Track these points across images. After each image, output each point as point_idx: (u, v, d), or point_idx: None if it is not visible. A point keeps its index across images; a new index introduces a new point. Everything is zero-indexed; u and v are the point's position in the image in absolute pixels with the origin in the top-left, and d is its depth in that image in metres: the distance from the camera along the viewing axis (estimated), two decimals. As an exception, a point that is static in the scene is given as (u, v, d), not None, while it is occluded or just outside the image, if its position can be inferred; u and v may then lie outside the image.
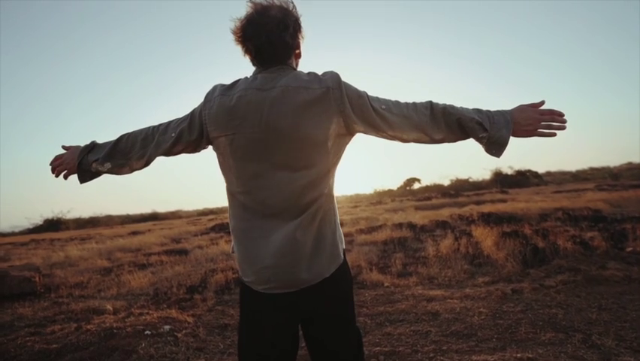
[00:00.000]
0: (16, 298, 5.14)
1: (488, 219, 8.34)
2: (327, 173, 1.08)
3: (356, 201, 31.68)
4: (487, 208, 10.98)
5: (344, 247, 1.15)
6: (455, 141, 1.14)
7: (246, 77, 1.12)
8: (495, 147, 1.10)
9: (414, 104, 1.12)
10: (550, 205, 10.59)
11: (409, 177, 41.02)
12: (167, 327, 3.07)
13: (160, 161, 1.22)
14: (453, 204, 15.18)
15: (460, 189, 28.28)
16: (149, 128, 1.20)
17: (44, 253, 10.88)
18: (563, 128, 1.10)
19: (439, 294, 3.85)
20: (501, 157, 1.11)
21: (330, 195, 1.10)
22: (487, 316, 3.15)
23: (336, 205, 1.13)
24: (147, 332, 3.00)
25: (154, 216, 36.82)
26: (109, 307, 4.03)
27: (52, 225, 32.05)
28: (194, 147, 1.17)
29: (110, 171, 1.20)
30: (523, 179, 30.27)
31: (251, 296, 1.10)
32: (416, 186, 40.08)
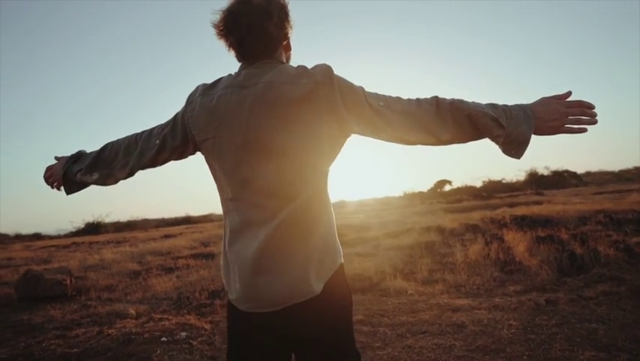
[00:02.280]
0: (49, 300, 5.38)
1: (521, 222, 7.93)
2: (317, 178, 0.97)
3: (385, 204, 31.22)
4: (520, 211, 10.47)
5: (341, 260, 1.03)
6: (466, 141, 1.00)
7: (230, 74, 1.03)
8: (514, 147, 0.95)
9: (417, 100, 0.98)
10: (590, 208, 9.93)
11: (439, 179, 40.10)
12: (183, 334, 3.07)
13: (195, 162, 1.15)
14: (484, 207, 14.59)
15: (493, 191, 27.31)
16: (133, 135, 1.14)
17: (81, 255, 11.39)
18: (594, 122, 0.95)
19: (466, 303, 3.64)
20: (521, 157, 0.96)
21: (323, 202, 0.99)
22: (517, 329, 2.93)
23: (332, 213, 1.02)
24: (164, 338, 3.02)
25: (187, 220, 37.93)
26: (132, 311, 4.11)
27: (93, 228, 33.55)
28: (180, 153, 1.10)
29: (97, 182, 1.16)
30: (561, 180, 28.84)
31: (235, 316, 1.02)
32: (447, 188, 39.12)
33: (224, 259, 1.03)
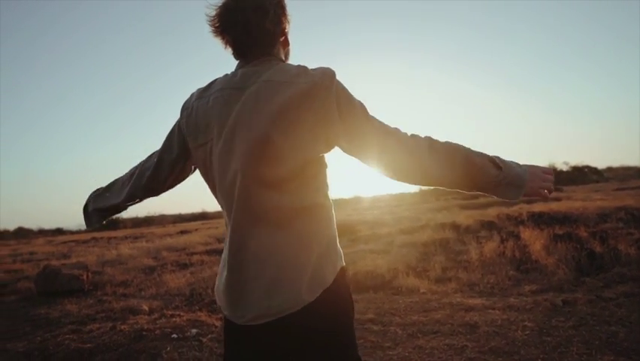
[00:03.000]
0: (66, 295, 5.52)
1: (539, 219, 7.73)
2: (307, 184, 0.92)
3: (400, 199, 30.97)
4: (538, 208, 10.21)
5: (342, 263, 0.98)
6: (456, 183, 0.94)
7: (226, 75, 0.99)
8: (512, 188, 0.94)
9: (411, 134, 0.95)
10: (610, 204, 9.61)
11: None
12: (194, 331, 3.10)
13: None
14: (501, 203, 14.28)
15: (510, 186, 26.65)
16: (139, 163, 1.15)
17: (99, 251, 11.68)
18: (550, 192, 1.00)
19: (479, 303, 3.56)
20: (517, 200, 0.97)
21: (319, 205, 0.94)
22: (532, 331, 2.85)
23: (331, 216, 0.97)
24: (174, 335, 3.05)
25: (203, 216, 38.47)
26: (145, 307, 4.18)
27: (112, 224, 34.22)
28: (181, 170, 1.07)
29: (107, 214, 1.19)
30: (581, 175, 28.08)
31: (226, 327, 0.99)
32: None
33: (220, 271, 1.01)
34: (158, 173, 1.07)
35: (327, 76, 0.89)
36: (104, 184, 1.23)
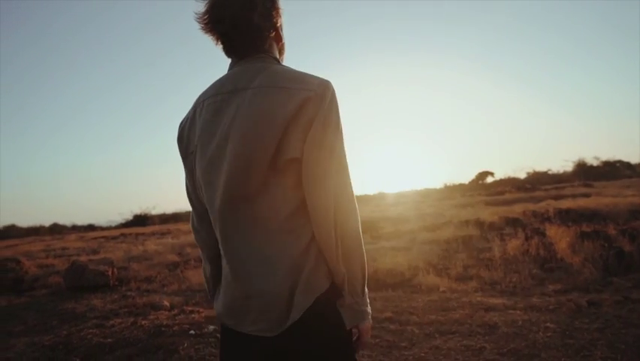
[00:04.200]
0: (92, 290, 5.71)
1: (566, 216, 7.46)
2: (289, 195, 0.88)
3: (424, 195, 30.52)
4: (566, 204, 9.84)
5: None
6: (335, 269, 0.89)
7: (221, 78, 0.96)
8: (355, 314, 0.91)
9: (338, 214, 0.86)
10: (645, 200, 9.15)
11: (481, 170, 38.63)
12: (211, 327, 3.17)
13: None
14: (528, 200, 13.88)
15: (538, 182, 25.92)
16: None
17: (127, 247, 12.08)
18: None
19: (500, 303, 3.49)
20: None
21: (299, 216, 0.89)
22: (554, 333, 2.76)
23: None
24: (192, 331, 3.13)
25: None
26: (166, 303, 4.30)
27: (140, 220, 35.13)
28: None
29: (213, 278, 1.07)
30: (612, 170, 26.79)
31: (224, 333, 0.98)
32: (489, 179, 37.59)
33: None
34: (192, 198, 1.02)
35: (324, 87, 0.86)
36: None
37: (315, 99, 0.84)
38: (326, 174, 0.84)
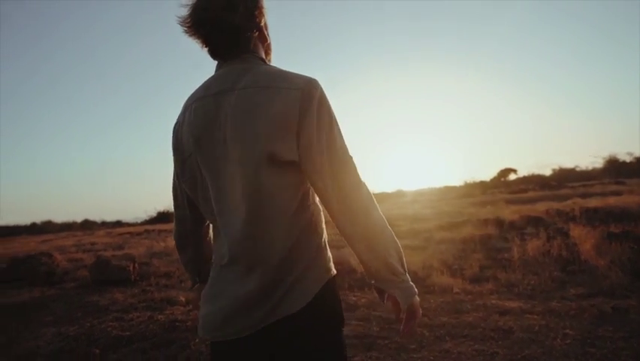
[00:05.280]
0: (115, 284, 5.92)
1: (593, 215, 7.12)
2: (293, 188, 0.88)
3: (444, 193, 30.01)
4: (593, 203, 9.41)
5: (331, 275, 0.93)
6: (358, 249, 0.89)
7: (207, 80, 0.96)
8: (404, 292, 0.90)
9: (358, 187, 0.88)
10: (683, 199, 8.63)
11: (503, 167, 37.58)
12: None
13: None
14: (552, 198, 13.38)
15: (564, 179, 24.97)
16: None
17: (149, 243, 12.39)
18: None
19: (517, 306, 3.34)
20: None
21: (305, 212, 0.90)
22: (574, 340, 2.62)
23: (316, 223, 0.92)
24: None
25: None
26: (182, 298, 4.36)
27: (164, 217, 35.99)
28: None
29: (195, 267, 1.15)
30: (648, 166, 25.41)
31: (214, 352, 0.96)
32: (512, 177, 36.52)
33: None
34: (177, 199, 1.07)
35: (311, 85, 0.86)
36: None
37: (303, 98, 0.84)
38: (335, 174, 0.85)
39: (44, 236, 24.65)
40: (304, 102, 0.83)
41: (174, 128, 1.00)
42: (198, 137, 0.90)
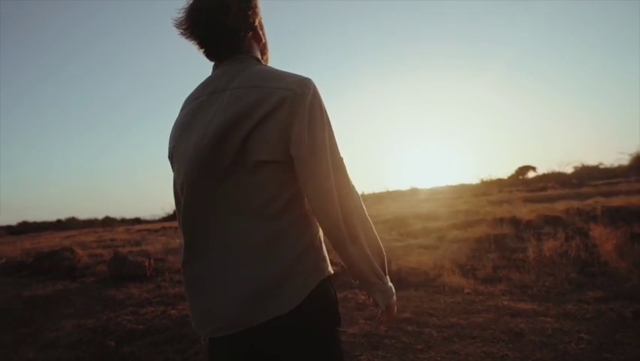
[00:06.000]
0: (131, 279, 6.08)
1: (616, 215, 6.85)
2: (281, 189, 0.87)
3: (459, 191, 29.53)
4: (617, 201, 9.07)
5: (324, 275, 0.91)
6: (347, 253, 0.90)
7: (204, 80, 0.98)
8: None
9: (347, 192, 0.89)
10: None
11: (522, 164, 36.67)
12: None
13: None
14: (573, 196, 12.97)
15: (586, 177, 24.12)
16: None
17: (165, 239, 12.64)
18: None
19: (530, 308, 3.25)
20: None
21: (293, 211, 0.88)
22: (589, 345, 2.52)
23: (306, 226, 0.90)
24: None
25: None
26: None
27: (180, 214, 36.67)
28: None
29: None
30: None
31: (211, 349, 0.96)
32: (530, 174, 35.60)
33: None
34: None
35: (303, 85, 0.85)
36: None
37: (294, 98, 0.83)
38: (325, 176, 0.84)
39: (68, 232, 25.52)
40: (295, 102, 0.83)
41: (172, 129, 1.00)
42: (187, 132, 0.91)
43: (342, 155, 0.89)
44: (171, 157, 0.98)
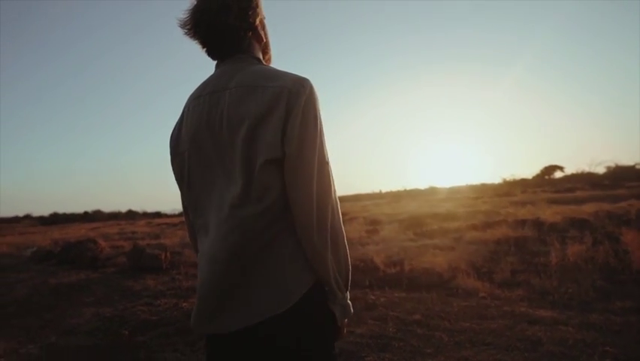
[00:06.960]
0: (148, 271, 6.20)
1: (649, 220, 6.44)
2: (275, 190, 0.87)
3: (480, 191, 28.78)
4: (651, 205, 8.56)
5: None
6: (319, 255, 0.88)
7: (206, 79, 0.98)
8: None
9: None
10: None
11: (548, 164, 35.32)
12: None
13: None
14: (604, 198, 12.38)
15: (620, 178, 22.89)
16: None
17: (183, 233, 12.82)
18: None
19: (549, 316, 3.06)
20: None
21: (284, 213, 0.88)
22: (615, 359, 2.33)
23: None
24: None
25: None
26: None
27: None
28: None
29: None
30: None
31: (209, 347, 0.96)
32: (557, 175, 34.25)
33: None
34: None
35: (299, 84, 0.85)
36: None
37: (290, 97, 0.84)
38: (308, 172, 0.84)
39: (94, 224, 26.48)
40: (290, 100, 0.83)
41: (174, 127, 1.02)
42: (193, 134, 0.92)
43: (328, 159, 0.88)
44: (172, 156, 0.99)
